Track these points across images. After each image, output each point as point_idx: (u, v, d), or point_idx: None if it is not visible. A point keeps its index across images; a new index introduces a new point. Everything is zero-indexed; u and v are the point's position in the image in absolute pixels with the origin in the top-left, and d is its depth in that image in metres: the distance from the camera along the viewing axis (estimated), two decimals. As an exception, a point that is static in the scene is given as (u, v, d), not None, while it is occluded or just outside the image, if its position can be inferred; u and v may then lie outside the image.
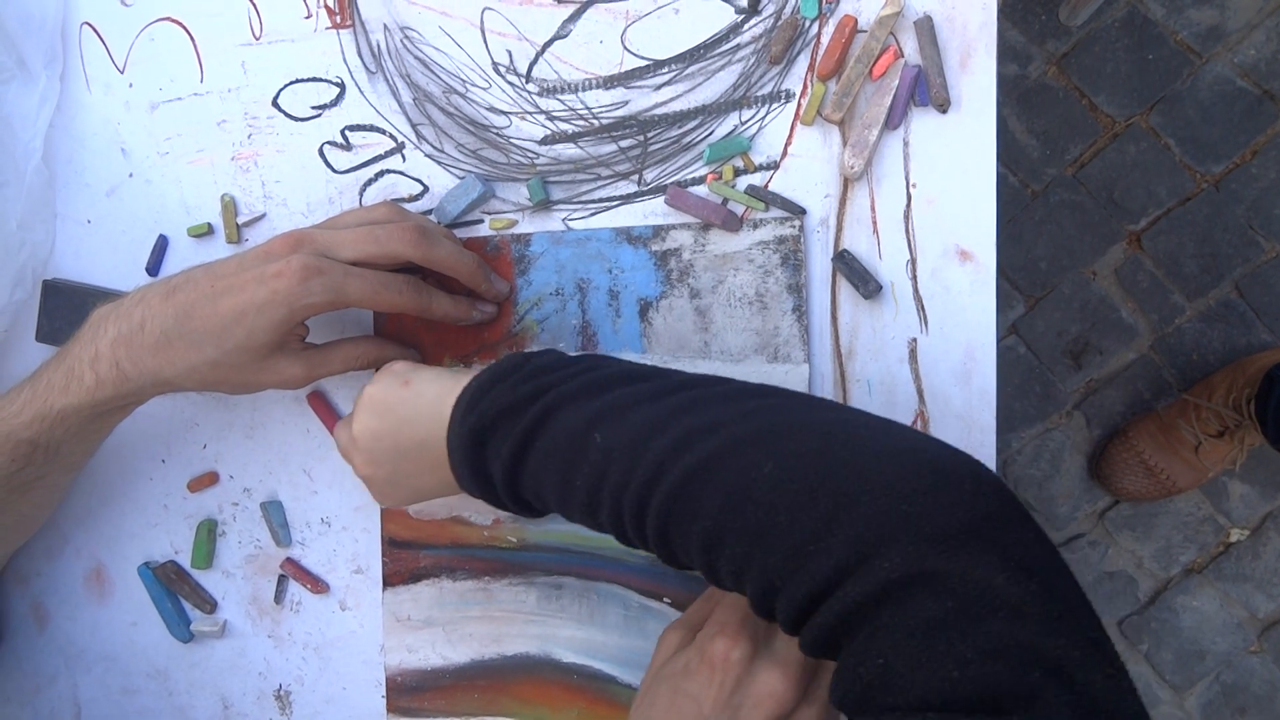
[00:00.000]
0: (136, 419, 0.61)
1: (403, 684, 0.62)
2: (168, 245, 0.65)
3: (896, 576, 0.31)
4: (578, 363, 0.46)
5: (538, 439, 0.42)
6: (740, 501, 0.35)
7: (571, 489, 0.41)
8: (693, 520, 0.37)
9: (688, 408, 0.40)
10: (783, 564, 0.34)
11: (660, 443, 0.38)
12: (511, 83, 0.59)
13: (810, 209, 0.55)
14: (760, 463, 0.36)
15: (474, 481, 0.46)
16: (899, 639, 0.30)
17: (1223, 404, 1.25)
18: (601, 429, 0.40)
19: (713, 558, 0.37)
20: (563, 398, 0.42)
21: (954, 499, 0.32)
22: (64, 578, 0.68)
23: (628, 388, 0.42)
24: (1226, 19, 1.33)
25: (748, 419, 0.38)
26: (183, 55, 0.63)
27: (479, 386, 0.45)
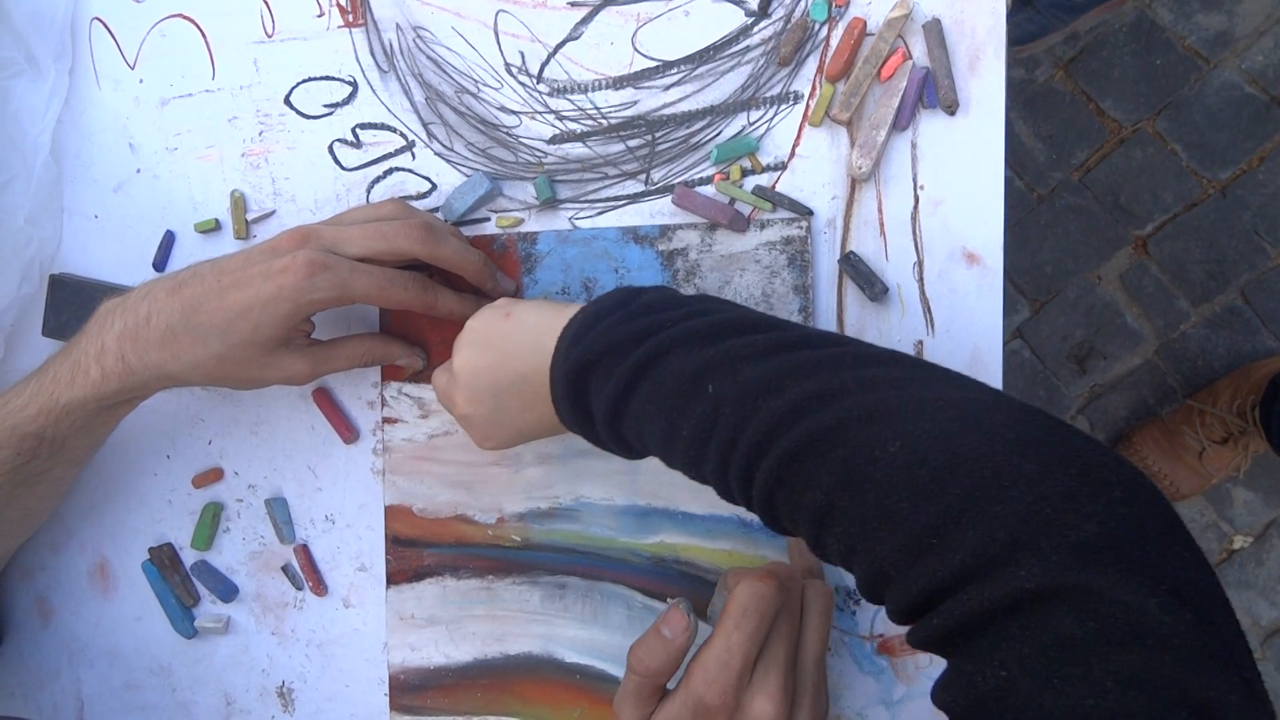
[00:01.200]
0: (142, 414, 0.61)
1: (405, 682, 0.62)
2: (175, 241, 0.65)
3: (1032, 587, 0.28)
4: (687, 304, 0.44)
5: (644, 380, 0.41)
6: (858, 479, 0.33)
7: (676, 436, 0.41)
8: (803, 491, 0.36)
9: (804, 369, 0.38)
10: (900, 553, 0.32)
11: (773, 404, 0.37)
12: (523, 83, 0.59)
13: (817, 210, 0.55)
14: (884, 440, 0.33)
15: (575, 417, 0.45)
16: (1027, 655, 0.28)
17: (1227, 410, 1.25)
18: (714, 379, 0.39)
19: (821, 532, 0.36)
20: (673, 341, 0.41)
21: (1103, 506, 0.29)
22: (68, 572, 0.68)
23: (740, 338, 0.41)
24: (1235, 25, 1.33)
25: (869, 389, 0.36)
26: (194, 52, 0.64)
27: (584, 320, 0.45)
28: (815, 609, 0.49)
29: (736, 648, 0.44)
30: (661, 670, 0.46)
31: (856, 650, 0.56)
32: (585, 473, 0.58)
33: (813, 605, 0.49)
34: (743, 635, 0.44)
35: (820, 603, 0.49)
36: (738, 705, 0.43)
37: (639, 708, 0.47)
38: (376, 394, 0.62)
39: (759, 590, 0.45)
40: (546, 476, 0.59)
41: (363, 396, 0.62)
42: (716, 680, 0.43)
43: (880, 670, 0.55)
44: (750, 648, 0.44)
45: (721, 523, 0.56)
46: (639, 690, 0.47)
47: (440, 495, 0.61)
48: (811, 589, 0.50)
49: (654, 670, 0.46)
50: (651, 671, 0.46)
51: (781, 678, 0.44)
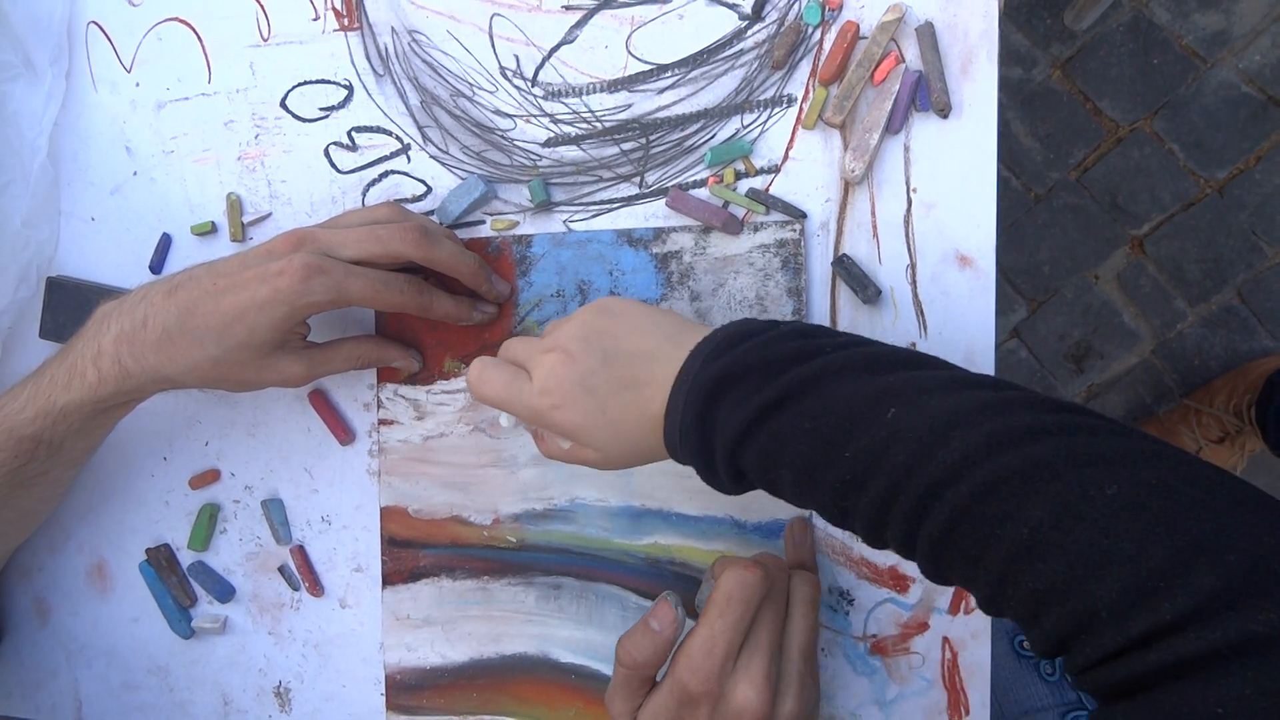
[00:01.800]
0: (139, 416, 0.61)
1: (402, 682, 0.62)
2: (171, 243, 0.65)
3: (1265, 631, 0.28)
4: (838, 334, 0.44)
5: (804, 399, 0.40)
6: (1072, 519, 0.33)
7: (833, 461, 0.39)
8: (1000, 524, 0.34)
9: (996, 406, 0.37)
10: (1122, 595, 0.31)
11: (968, 436, 0.36)
12: (518, 86, 0.59)
13: (811, 213, 0.55)
14: (1101, 482, 0.33)
15: (690, 429, 0.43)
16: (1249, 696, 0.28)
17: (1224, 409, 1.25)
18: (896, 405, 0.38)
19: (1015, 569, 0.34)
20: (843, 364, 0.41)
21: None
22: (66, 573, 0.69)
23: (918, 370, 0.40)
24: (1232, 24, 1.33)
25: (1074, 433, 0.35)
26: (190, 56, 0.64)
27: (731, 334, 0.44)
28: (801, 598, 0.49)
29: (720, 635, 0.44)
30: (649, 662, 0.47)
31: (850, 651, 0.56)
32: (580, 474, 0.58)
33: (799, 594, 0.49)
34: (726, 623, 0.44)
35: (806, 592, 0.50)
36: (721, 692, 0.44)
37: (628, 700, 0.48)
38: (372, 396, 0.62)
39: (743, 579, 0.45)
40: (542, 478, 0.59)
41: (359, 398, 0.63)
42: (700, 667, 0.44)
43: (873, 671, 0.56)
44: (734, 635, 0.45)
45: (715, 524, 0.57)
46: (628, 682, 0.48)
47: (436, 496, 0.61)
48: (799, 579, 0.50)
49: (641, 662, 0.47)
50: (639, 664, 0.47)
51: (765, 665, 0.45)
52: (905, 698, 0.55)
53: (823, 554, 0.56)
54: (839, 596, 0.56)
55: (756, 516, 0.56)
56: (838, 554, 0.56)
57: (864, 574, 0.55)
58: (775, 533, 0.56)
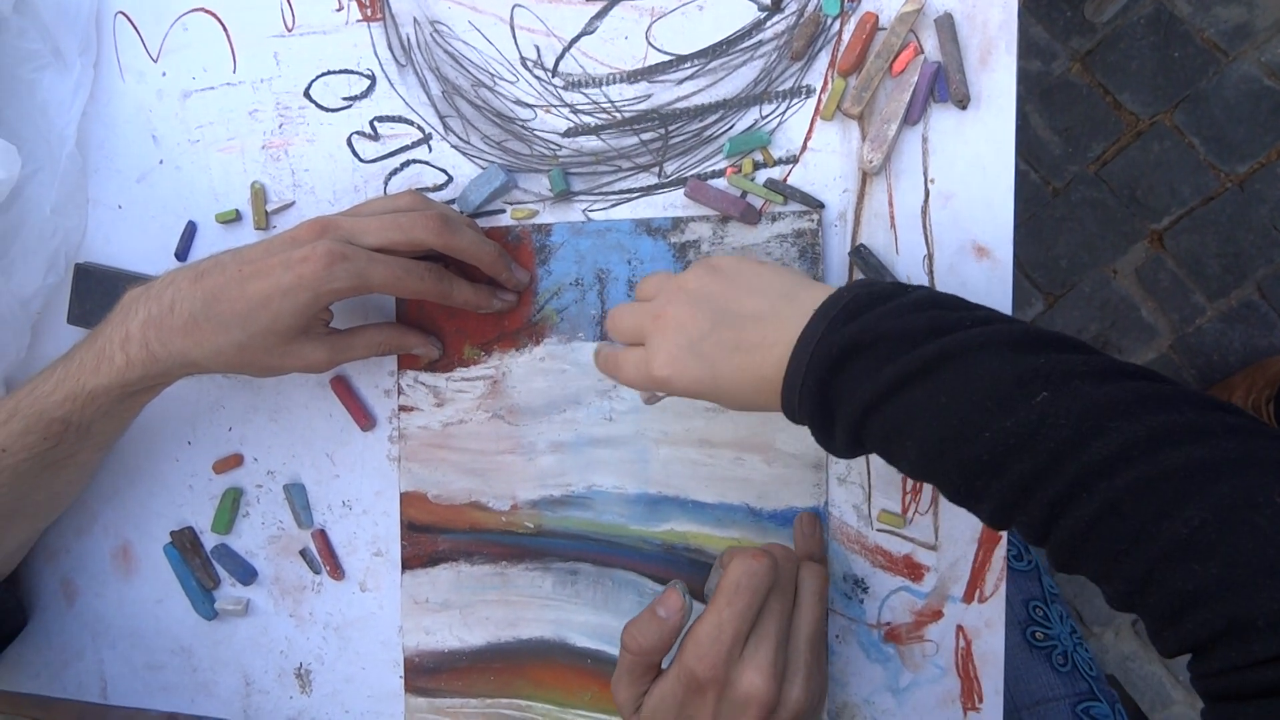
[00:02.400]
0: (164, 401, 0.62)
1: (420, 665, 0.63)
2: (196, 231, 0.66)
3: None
4: (975, 308, 0.43)
5: (940, 373, 0.39)
6: (1237, 522, 0.32)
7: (968, 439, 0.38)
8: (1157, 521, 0.33)
9: (1156, 399, 0.36)
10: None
11: (1127, 427, 0.35)
12: (538, 77, 0.60)
13: (828, 203, 0.56)
14: (1269, 488, 0.32)
15: (811, 393, 0.42)
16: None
17: (1242, 404, 1.24)
18: (1046, 388, 0.37)
19: (1166, 567, 0.33)
20: (984, 340, 0.39)
21: None
22: (92, 555, 0.70)
23: (1069, 354, 0.38)
24: (1254, 17, 1.32)
25: (1238, 435, 0.34)
26: (216, 45, 0.65)
27: (858, 298, 0.43)
28: (810, 589, 0.50)
29: (727, 623, 0.45)
30: (655, 649, 0.47)
31: (864, 638, 0.56)
32: (597, 461, 0.59)
33: (807, 585, 0.50)
34: (734, 611, 0.45)
35: (815, 583, 0.50)
36: (728, 679, 0.44)
37: (633, 686, 0.49)
38: (393, 382, 0.63)
39: (751, 567, 0.46)
40: (559, 465, 0.60)
41: (379, 385, 0.63)
42: (707, 654, 0.44)
43: (888, 658, 0.56)
44: (741, 623, 0.45)
45: (731, 511, 0.57)
46: (633, 669, 0.48)
47: (455, 482, 0.62)
48: (807, 570, 0.51)
49: (647, 649, 0.47)
50: (644, 650, 0.47)
51: (771, 653, 0.45)
52: (919, 685, 0.56)
53: (837, 542, 0.56)
54: (853, 584, 0.56)
55: (772, 504, 0.57)
56: (852, 542, 0.56)
57: (878, 562, 0.56)
58: (790, 521, 0.56)
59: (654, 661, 0.48)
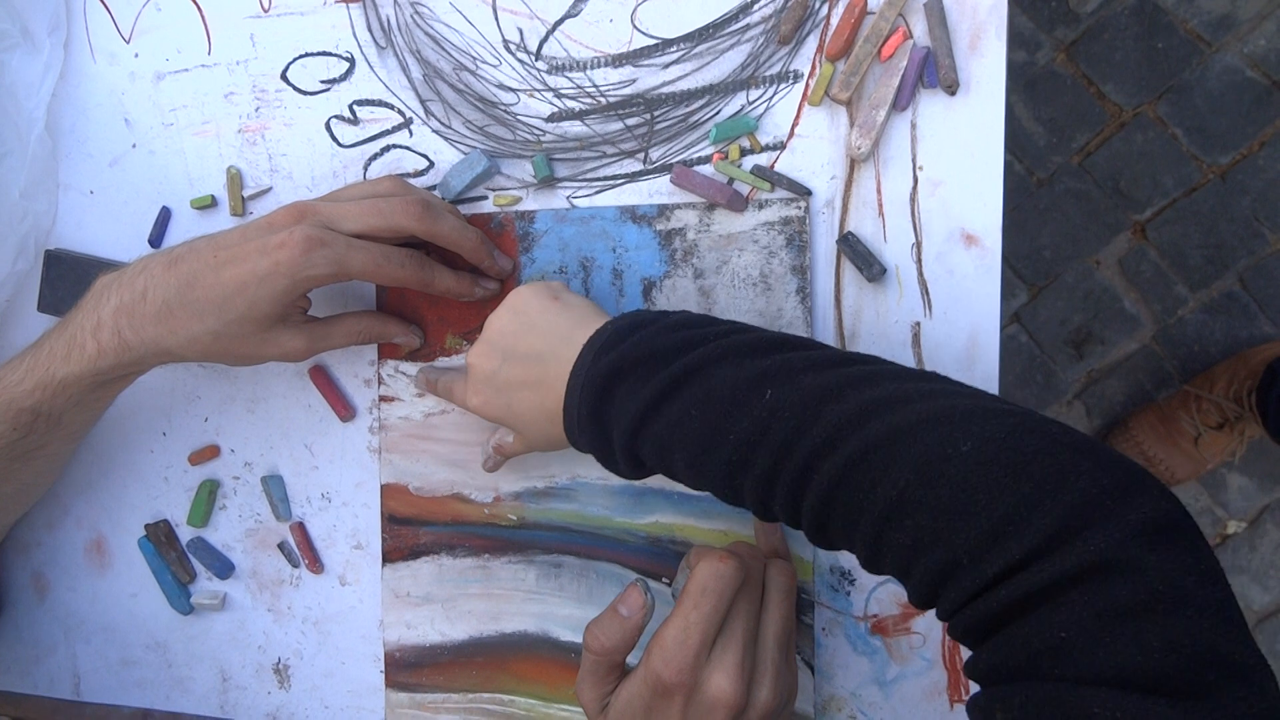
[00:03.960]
0: (138, 391, 0.61)
1: (401, 659, 0.62)
2: (170, 217, 0.65)
3: (1096, 560, 0.32)
4: (721, 323, 0.46)
5: (689, 386, 0.42)
6: (933, 476, 0.36)
7: (719, 443, 0.41)
8: (872, 488, 0.37)
9: (862, 380, 0.40)
10: (978, 540, 0.34)
11: (837, 409, 0.38)
12: (521, 60, 0.59)
13: (816, 190, 0.55)
14: (957, 441, 0.36)
15: (586, 421, 0.45)
16: (1085, 617, 0.31)
17: (1224, 396, 1.25)
18: (772, 386, 0.40)
19: (888, 527, 0.37)
20: (725, 351, 0.42)
21: (1150, 499, 0.33)
22: (64, 548, 0.68)
23: (792, 353, 0.42)
24: (1237, 8, 1.32)
25: (930, 398, 0.38)
26: (190, 26, 0.63)
27: (618, 330, 0.46)
28: (777, 588, 0.49)
29: (694, 626, 0.44)
30: (617, 648, 0.47)
31: (850, 631, 0.56)
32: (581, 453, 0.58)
33: (774, 584, 0.50)
34: (701, 614, 0.45)
35: (782, 582, 0.50)
36: (695, 682, 0.44)
37: (598, 686, 0.48)
38: (373, 372, 0.62)
39: (718, 570, 0.46)
40: (543, 456, 0.59)
41: (359, 374, 0.62)
42: (674, 658, 0.44)
43: (874, 650, 0.56)
44: (708, 627, 0.45)
45: (716, 503, 0.57)
46: (596, 669, 0.48)
47: (437, 474, 0.61)
48: (774, 568, 0.50)
49: (610, 648, 0.47)
50: (607, 650, 0.47)
51: (739, 655, 0.45)
52: (905, 677, 0.55)
53: (824, 533, 0.56)
54: (840, 577, 0.56)
55: (758, 495, 0.56)
56: (840, 533, 0.56)
57: (866, 553, 0.55)
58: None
59: (617, 661, 0.48)
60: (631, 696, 0.46)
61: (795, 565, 0.55)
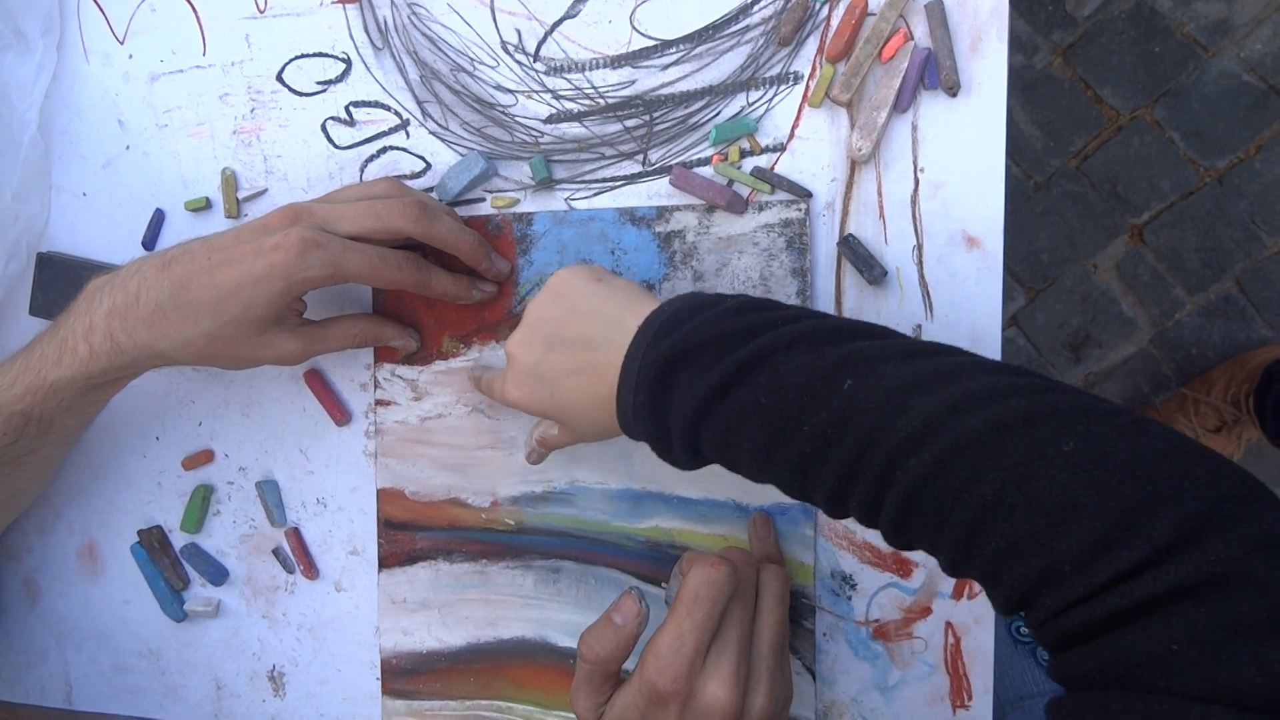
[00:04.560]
0: (131, 395, 0.60)
1: (397, 666, 0.61)
2: (164, 219, 0.64)
3: (1216, 571, 0.30)
4: (787, 307, 0.44)
5: (758, 373, 0.40)
6: (1032, 476, 0.33)
7: (792, 434, 0.39)
8: (964, 487, 0.35)
9: (952, 372, 0.38)
10: (1084, 547, 0.32)
11: (926, 401, 0.36)
12: (519, 61, 0.58)
13: (816, 192, 0.55)
14: (1058, 440, 0.34)
15: (644, 408, 0.43)
16: (1201, 631, 0.30)
17: (1221, 399, 1.25)
18: (852, 376, 0.38)
19: (980, 530, 0.35)
20: (796, 337, 0.40)
21: (1271, 511, 0.31)
22: (56, 554, 0.68)
23: (869, 341, 0.40)
24: (1234, 13, 1.33)
25: (1026, 394, 0.36)
26: (185, 27, 0.62)
27: (677, 311, 0.44)
28: (771, 593, 0.49)
29: (688, 634, 0.44)
30: (612, 657, 0.46)
31: (852, 636, 0.55)
32: (580, 457, 0.58)
33: (768, 590, 0.49)
34: (694, 622, 0.44)
35: (776, 587, 0.49)
36: (690, 691, 0.43)
37: (592, 696, 0.47)
38: (369, 375, 0.61)
39: (711, 576, 0.45)
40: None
41: (355, 378, 0.62)
42: (668, 667, 0.43)
43: (876, 655, 0.55)
44: (702, 634, 0.44)
45: (716, 507, 0.56)
46: (591, 678, 0.47)
47: (433, 478, 0.60)
48: (767, 573, 0.50)
49: (604, 657, 0.46)
50: (602, 659, 0.46)
51: (734, 662, 0.44)
52: (907, 683, 0.55)
53: (824, 538, 0.55)
54: (841, 581, 0.55)
55: (758, 499, 0.55)
56: (840, 538, 0.55)
57: (866, 558, 0.55)
58: (777, 515, 0.55)
59: (612, 670, 0.47)
60: (626, 706, 0.46)
61: (795, 570, 0.55)
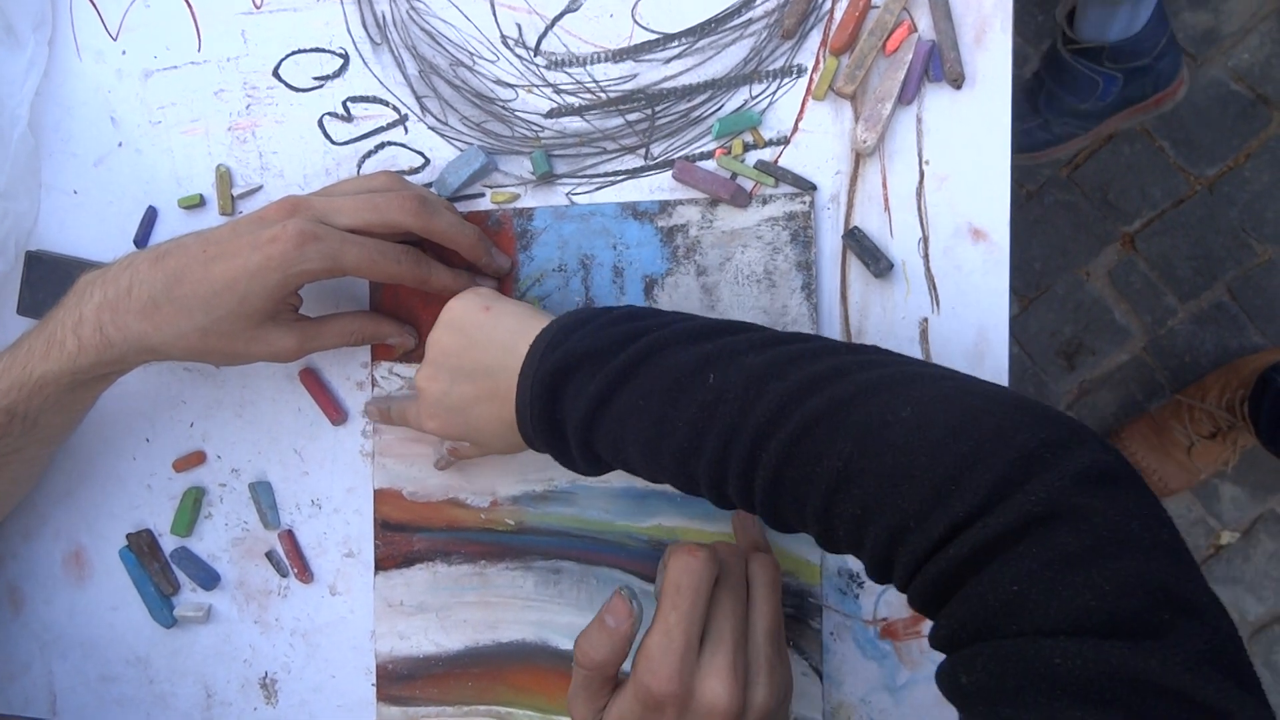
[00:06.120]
0: (121, 395, 0.59)
1: (394, 672, 0.60)
2: (157, 217, 0.63)
3: (1040, 511, 0.32)
4: (664, 313, 0.46)
5: (635, 377, 0.42)
6: (875, 443, 0.36)
7: (669, 431, 0.41)
8: (817, 461, 0.37)
9: (803, 356, 0.40)
10: (921, 502, 0.34)
11: (780, 386, 0.38)
12: (520, 56, 0.57)
13: (821, 185, 0.54)
14: (896, 407, 0.36)
15: (540, 422, 0.45)
16: (1035, 569, 0.31)
17: (1216, 405, 1.25)
18: (715, 369, 0.40)
19: (836, 500, 0.37)
20: (667, 339, 0.42)
21: (1090, 449, 0.34)
22: (41, 560, 0.66)
23: (733, 336, 0.42)
24: (1221, 22, 1.34)
25: (870, 367, 0.38)
26: (180, 22, 0.62)
27: (562, 328, 0.45)
28: (761, 582, 0.47)
29: (675, 629, 0.42)
30: (608, 661, 0.44)
31: (860, 635, 0.54)
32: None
33: (759, 578, 0.47)
34: (680, 615, 0.42)
35: (765, 575, 0.48)
36: (687, 690, 0.42)
37: (590, 703, 0.46)
38: (366, 374, 0.60)
39: (689, 564, 0.43)
40: (541, 459, 0.57)
41: (351, 377, 0.60)
42: (660, 668, 0.41)
43: (884, 655, 0.54)
44: (690, 626, 0.42)
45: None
46: (588, 684, 0.45)
47: (432, 478, 0.59)
48: (756, 562, 0.48)
49: (600, 662, 0.44)
50: (597, 664, 0.44)
51: (730, 656, 0.43)
52: (916, 683, 0.54)
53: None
54: (848, 579, 0.54)
55: (764, 497, 0.55)
56: (847, 535, 0.54)
57: (874, 556, 0.54)
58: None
59: (610, 674, 0.45)
60: (623, 712, 0.44)
61: (802, 569, 0.54)
